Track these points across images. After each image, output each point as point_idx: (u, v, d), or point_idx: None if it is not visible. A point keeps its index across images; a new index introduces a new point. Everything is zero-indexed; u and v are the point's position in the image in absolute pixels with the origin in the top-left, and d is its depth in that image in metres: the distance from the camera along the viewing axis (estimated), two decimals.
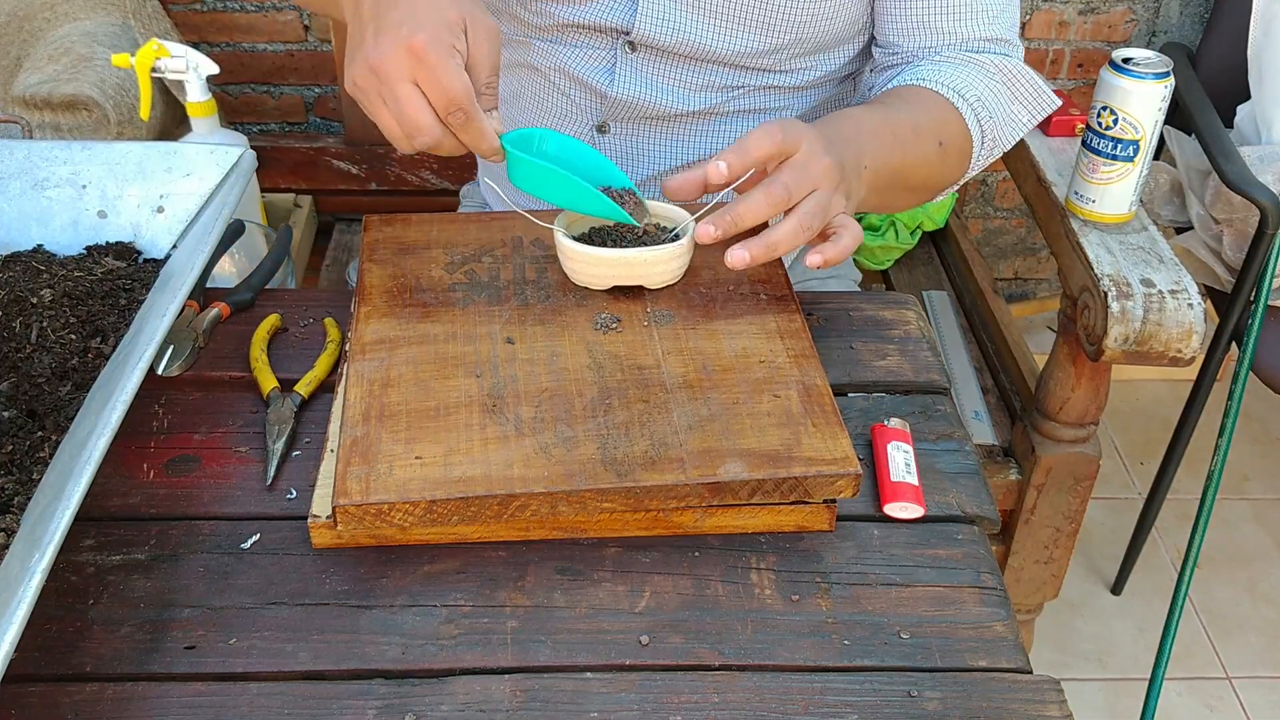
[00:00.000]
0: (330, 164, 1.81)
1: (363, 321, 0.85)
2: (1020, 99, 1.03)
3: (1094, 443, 1.35)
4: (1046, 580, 1.47)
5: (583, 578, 0.74)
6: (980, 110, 0.98)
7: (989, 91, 1.00)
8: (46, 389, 0.82)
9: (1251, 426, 2.16)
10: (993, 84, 1.00)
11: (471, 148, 0.80)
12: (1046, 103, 1.04)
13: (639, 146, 1.09)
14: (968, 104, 0.97)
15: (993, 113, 0.99)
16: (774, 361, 0.82)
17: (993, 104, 1.00)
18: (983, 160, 1.02)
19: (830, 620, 0.72)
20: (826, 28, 1.01)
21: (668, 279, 0.88)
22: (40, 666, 0.68)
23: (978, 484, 0.82)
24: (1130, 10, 1.89)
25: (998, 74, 1.01)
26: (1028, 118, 1.04)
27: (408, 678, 0.68)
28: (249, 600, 0.72)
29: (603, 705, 0.67)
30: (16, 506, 0.72)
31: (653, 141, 1.09)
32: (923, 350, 0.94)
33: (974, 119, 0.98)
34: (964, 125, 0.98)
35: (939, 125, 0.97)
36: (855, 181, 0.88)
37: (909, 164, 0.95)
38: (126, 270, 0.93)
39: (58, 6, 1.59)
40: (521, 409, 0.77)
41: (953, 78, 0.98)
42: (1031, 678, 0.70)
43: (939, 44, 1.02)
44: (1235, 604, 1.85)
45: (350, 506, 0.70)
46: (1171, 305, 1.17)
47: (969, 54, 1.02)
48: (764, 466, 0.73)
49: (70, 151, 0.97)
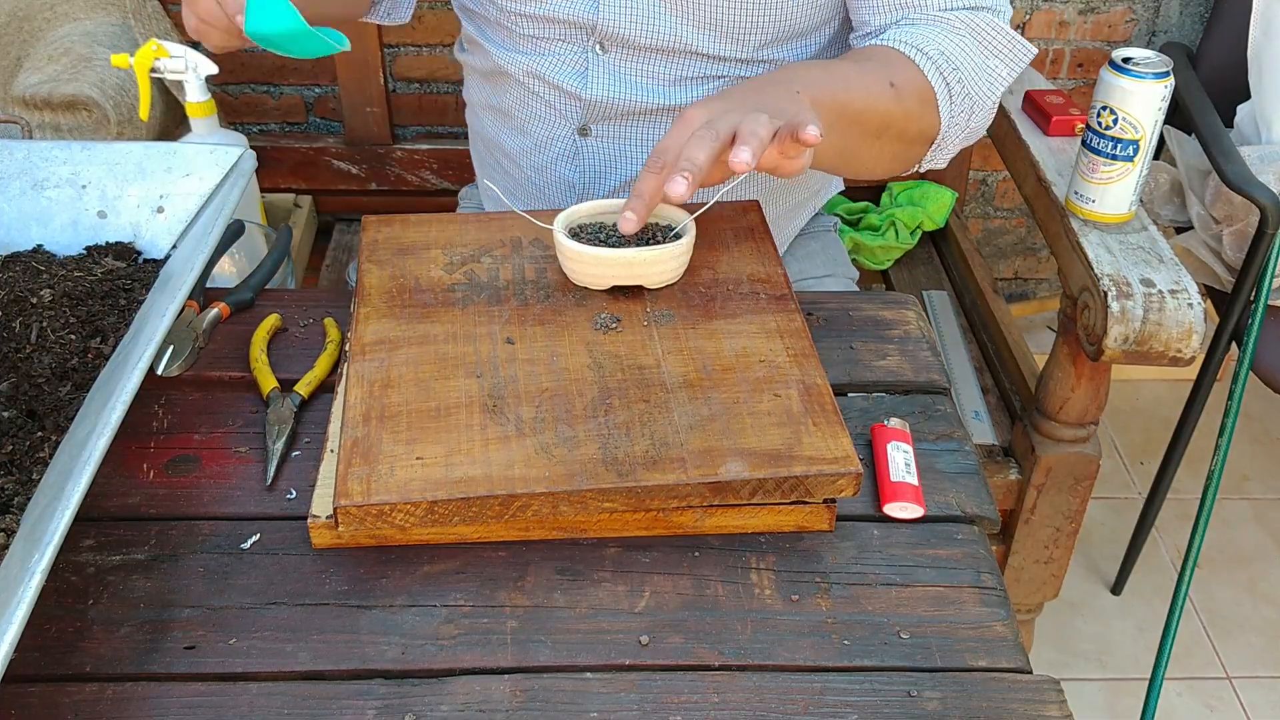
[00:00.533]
0: (330, 164, 1.82)
1: (362, 322, 0.85)
2: (994, 52, 0.99)
3: (1094, 443, 1.35)
4: (1046, 580, 1.47)
5: (583, 578, 0.74)
6: (942, 62, 0.96)
7: (953, 45, 0.97)
8: (46, 389, 0.82)
9: (1251, 426, 2.16)
10: (959, 38, 0.98)
11: None
12: (1022, 53, 1.00)
13: (620, 148, 1.10)
14: (926, 56, 0.95)
15: (958, 65, 0.97)
16: (774, 361, 0.82)
17: (959, 57, 0.97)
18: (961, 114, 0.99)
19: (830, 620, 0.72)
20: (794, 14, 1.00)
21: (667, 279, 0.88)
22: (40, 666, 0.68)
23: (978, 484, 0.82)
24: (1130, 10, 1.89)
25: (964, 29, 0.98)
26: (1005, 70, 1.00)
27: (407, 678, 0.68)
28: (249, 600, 0.72)
29: (602, 705, 0.67)
30: (16, 506, 0.72)
31: (634, 141, 1.09)
32: (923, 350, 0.94)
33: (934, 70, 0.96)
34: (919, 72, 0.95)
35: (885, 68, 0.95)
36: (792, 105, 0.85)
37: (856, 99, 0.92)
38: (126, 270, 0.93)
39: (58, 6, 1.59)
40: (522, 409, 0.77)
41: (909, 35, 0.97)
42: (1031, 678, 0.70)
43: (908, 16, 1.00)
44: (1235, 604, 1.85)
45: (352, 507, 0.70)
46: (1171, 305, 1.17)
47: (934, 14, 0.99)
48: (765, 466, 0.73)
49: (70, 151, 0.97)
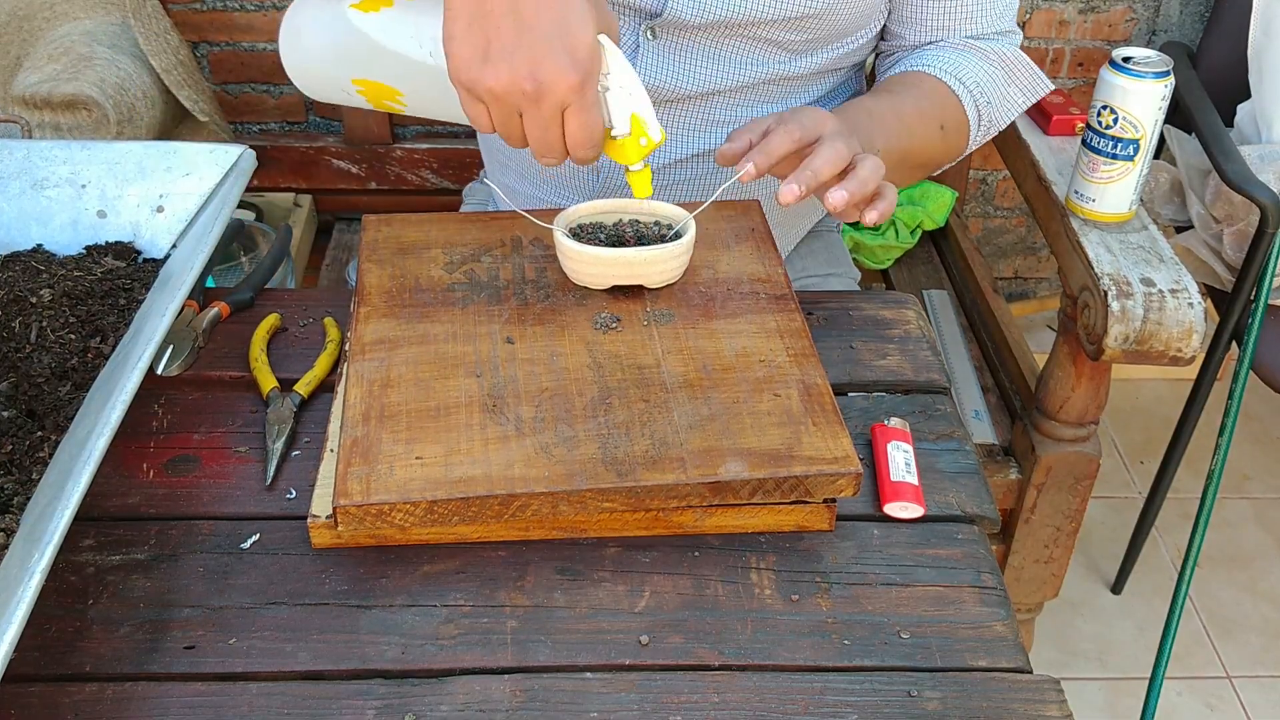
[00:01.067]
0: (330, 163, 1.82)
1: (362, 322, 0.85)
2: (1017, 83, 1.10)
3: (1094, 442, 1.35)
4: (1046, 580, 1.47)
5: (582, 578, 0.74)
6: (978, 95, 1.06)
7: (986, 77, 1.07)
8: (46, 389, 0.82)
9: (1251, 426, 2.16)
10: (991, 69, 1.07)
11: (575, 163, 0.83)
12: (1040, 86, 1.11)
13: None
14: (966, 89, 1.05)
15: (989, 97, 1.07)
16: (774, 361, 0.82)
17: (990, 89, 1.07)
18: (978, 140, 1.10)
19: (830, 620, 0.72)
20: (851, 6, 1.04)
21: (667, 278, 0.88)
22: (40, 666, 0.68)
23: (978, 483, 0.82)
24: (1130, 9, 1.89)
25: (996, 60, 1.08)
26: (1023, 100, 1.11)
27: (407, 678, 0.68)
28: (249, 600, 0.72)
29: (602, 705, 0.67)
30: (16, 506, 0.72)
31: (667, 130, 1.09)
32: (923, 350, 0.94)
33: (971, 103, 1.05)
34: (962, 109, 1.05)
35: (940, 110, 1.04)
36: None
37: (915, 147, 1.02)
38: (126, 270, 0.93)
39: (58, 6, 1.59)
40: (522, 409, 0.77)
41: (954, 64, 1.06)
42: (1031, 677, 0.70)
43: (943, 38, 1.09)
44: (1235, 604, 1.85)
45: (351, 507, 0.70)
46: (1171, 304, 1.17)
47: (969, 40, 1.09)
48: (765, 466, 0.73)
49: (70, 151, 0.97)
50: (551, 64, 0.75)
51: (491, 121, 0.79)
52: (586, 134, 0.78)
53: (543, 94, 0.76)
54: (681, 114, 1.08)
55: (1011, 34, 1.11)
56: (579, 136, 0.78)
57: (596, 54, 0.76)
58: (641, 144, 0.82)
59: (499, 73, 0.76)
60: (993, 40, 1.09)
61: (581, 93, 0.76)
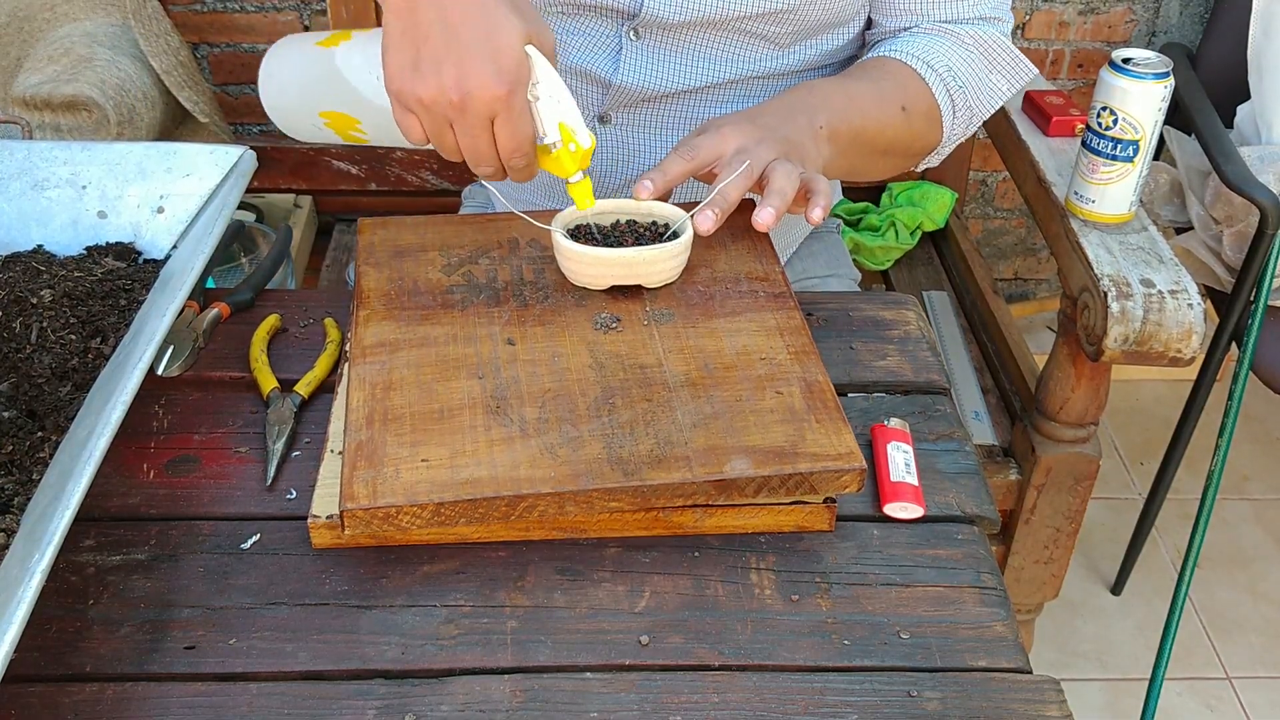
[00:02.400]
0: (330, 164, 1.82)
1: (362, 325, 0.85)
2: (998, 69, 1.06)
3: (1094, 443, 1.35)
4: (1046, 580, 1.47)
5: (583, 578, 0.74)
6: (949, 79, 1.02)
7: (961, 61, 1.03)
8: (46, 389, 0.82)
9: (1251, 426, 2.16)
10: (966, 54, 1.04)
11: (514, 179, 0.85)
12: (1024, 71, 1.07)
13: (639, 136, 1.10)
14: (935, 73, 1.02)
15: (964, 82, 1.03)
16: (775, 358, 0.82)
17: (965, 73, 1.03)
18: (960, 127, 1.06)
19: (830, 620, 0.72)
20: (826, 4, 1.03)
21: (666, 278, 0.88)
22: (40, 666, 0.68)
23: (978, 484, 0.83)
24: (1130, 10, 1.89)
25: (973, 44, 1.05)
26: (1006, 86, 1.07)
27: (407, 678, 0.68)
28: (249, 600, 0.72)
29: (602, 705, 0.67)
30: (16, 506, 0.72)
31: (653, 128, 1.09)
32: (923, 350, 0.94)
33: (942, 87, 1.02)
34: (929, 92, 1.02)
35: (901, 92, 1.01)
36: (811, 142, 0.93)
37: (870, 128, 0.99)
38: (126, 270, 0.93)
39: (58, 7, 1.59)
40: (525, 410, 0.77)
41: (922, 49, 1.03)
42: (1031, 678, 0.70)
43: (916, 23, 1.06)
44: (1235, 604, 1.85)
45: (358, 510, 0.70)
46: (1171, 305, 1.17)
47: (945, 25, 1.05)
48: (770, 463, 0.73)
49: (70, 152, 0.97)
50: (477, 74, 0.76)
51: (424, 132, 0.81)
52: (516, 143, 0.80)
53: (469, 104, 0.77)
54: (671, 112, 1.08)
55: (995, 20, 1.07)
56: (509, 145, 0.80)
57: (523, 64, 0.78)
58: (571, 150, 0.83)
59: (427, 83, 0.77)
60: (971, 25, 1.05)
61: (508, 102, 0.77)
